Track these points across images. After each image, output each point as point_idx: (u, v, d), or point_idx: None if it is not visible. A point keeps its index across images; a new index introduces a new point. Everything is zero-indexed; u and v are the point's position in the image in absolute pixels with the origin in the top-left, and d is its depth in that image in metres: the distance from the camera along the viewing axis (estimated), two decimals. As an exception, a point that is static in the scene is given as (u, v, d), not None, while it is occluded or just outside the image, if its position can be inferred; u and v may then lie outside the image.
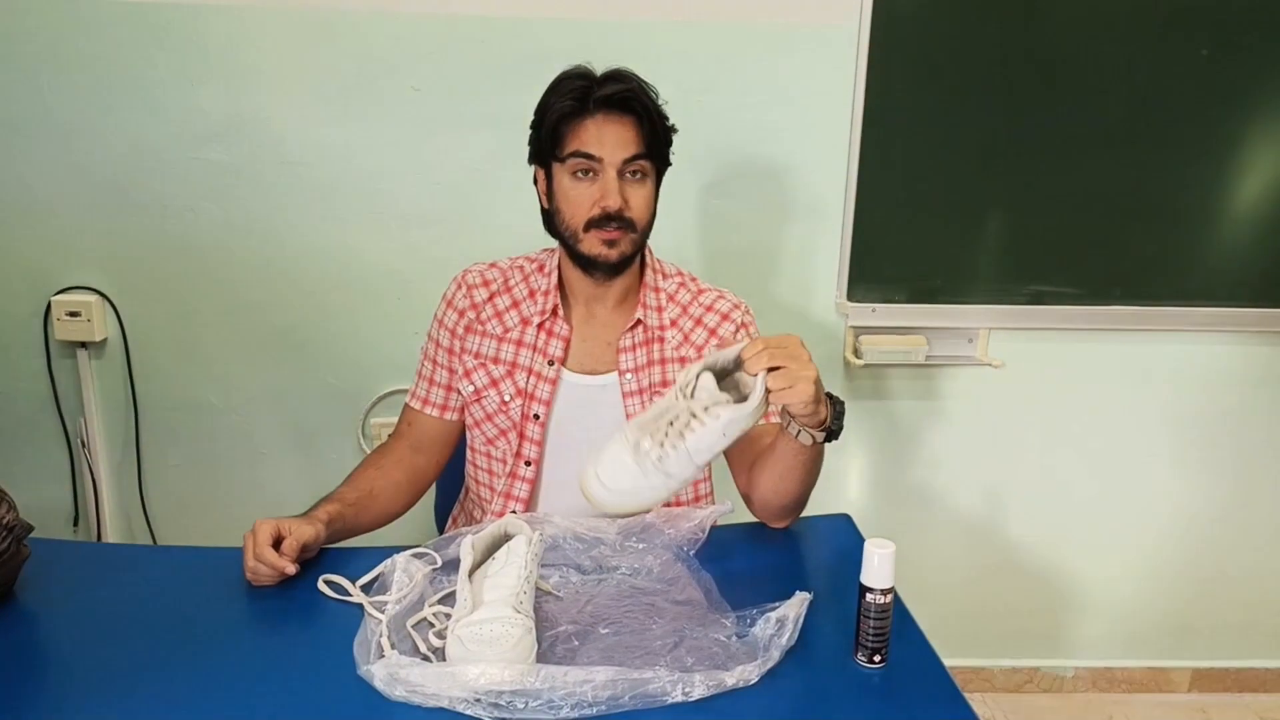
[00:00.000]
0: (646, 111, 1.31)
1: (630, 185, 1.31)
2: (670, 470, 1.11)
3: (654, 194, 1.36)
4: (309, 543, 1.20)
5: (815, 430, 1.20)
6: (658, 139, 1.33)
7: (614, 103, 1.29)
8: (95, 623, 1.10)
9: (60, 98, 1.81)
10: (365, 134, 1.86)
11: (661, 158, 1.35)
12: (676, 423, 1.11)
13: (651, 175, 1.35)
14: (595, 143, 1.29)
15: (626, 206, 1.30)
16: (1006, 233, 1.99)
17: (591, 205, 1.30)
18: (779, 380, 1.11)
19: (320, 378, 2.01)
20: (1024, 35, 1.87)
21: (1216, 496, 2.22)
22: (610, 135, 1.29)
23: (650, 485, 1.11)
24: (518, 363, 1.40)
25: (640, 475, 1.11)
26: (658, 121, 1.32)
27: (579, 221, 1.31)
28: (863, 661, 1.04)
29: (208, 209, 1.89)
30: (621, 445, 1.12)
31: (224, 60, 1.81)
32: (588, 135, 1.29)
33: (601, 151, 1.29)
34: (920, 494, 2.18)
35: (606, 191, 1.29)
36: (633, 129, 1.30)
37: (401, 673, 0.95)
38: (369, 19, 1.80)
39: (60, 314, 1.90)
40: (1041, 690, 2.33)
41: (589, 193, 1.30)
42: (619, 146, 1.29)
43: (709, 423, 1.10)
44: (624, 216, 1.30)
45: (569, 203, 1.32)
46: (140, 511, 2.05)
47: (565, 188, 1.32)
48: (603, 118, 1.29)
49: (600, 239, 1.31)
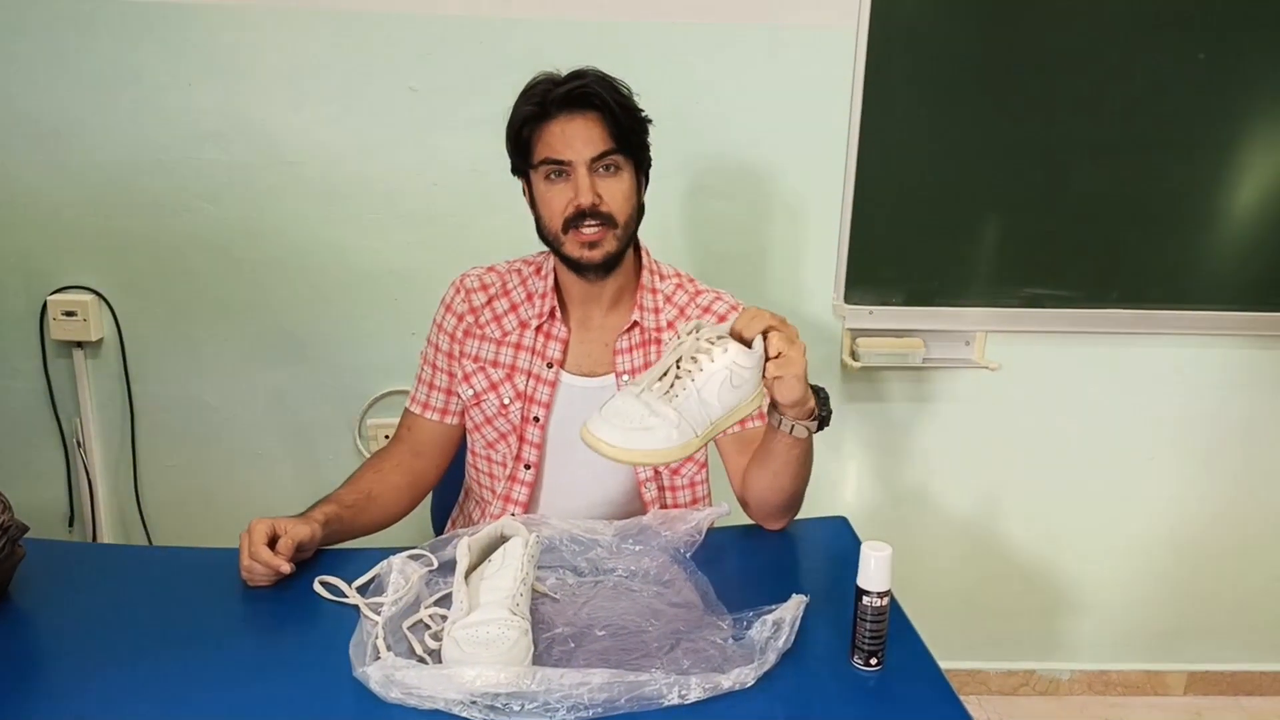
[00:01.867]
0: (607, 105, 1.29)
1: (603, 180, 1.30)
2: (680, 406, 1.04)
3: (634, 187, 1.34)
4: (305, 542, 1.20)
5: (807, 421, 1.19)
6: (626, 131, 1.30)
7: (572, 100, 1.28)
8: (91, 624, 1.10)
9: (57, 97, 1.81)
10: (362, 134, 1.86)
11: (635, 149, 1.33)
12: (684, 361, 1.06)
13: (628, 169, 1.32)
14: (561, 144, 1.28)
15: (600, 201, 1.29)
16: (1003, 235, 2.00)
17: (566, 205, 1.29)
18: (776, 367, 1.09)
19: (317, 378, 2.00)
20: (1020, 38, 1.87)
21: (1212, 499, 2.22)
22: (575, 134, 1.28)
23: (662, 421, 1.03)
24: (516, 366, 1.40)
25: (648, 412, 1.03)
26: (622, 114, 1.30)
27: (557, 224, 1.31)
28: (859, 665, 1.04)
29: (204, 209, 1.88)
30: (624, 393, 1.07)
31: (221, 60, 1.81)
32: (553, 138, 1.29)
33: (568, 153, 1.28)
34: (917, 496, 2.18)
35: (579, 189, 1.28)
36: (597, 124, 1.29)
37: (397, 674, 0.95)
38: (366, 18, 1.80)
39: (56, 313, 1.90)
40: (1037, 693, 2.34)
41: (563, 193, 1.29)
42: (585, 144, 1.28)
43: (717, 357, 1.05)
44: (600, 211, 1.29)
45: (546, 207, 1.32)
46: (136, 512, 2.05)
47: (541, 192, 1.32)
48: (565, 118, 1.28)
49: (579, 241, 1.30)
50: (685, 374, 1.06)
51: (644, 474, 1.41)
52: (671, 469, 1.43)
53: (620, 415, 1.03)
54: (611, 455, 1.03)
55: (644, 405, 1.04)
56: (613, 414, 1.04)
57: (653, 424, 1.03)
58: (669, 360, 1.08)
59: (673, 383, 1.05)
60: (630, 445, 1.03)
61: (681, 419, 1.04)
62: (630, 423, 1.03)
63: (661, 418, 1.04)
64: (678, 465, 1.43)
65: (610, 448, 1.03)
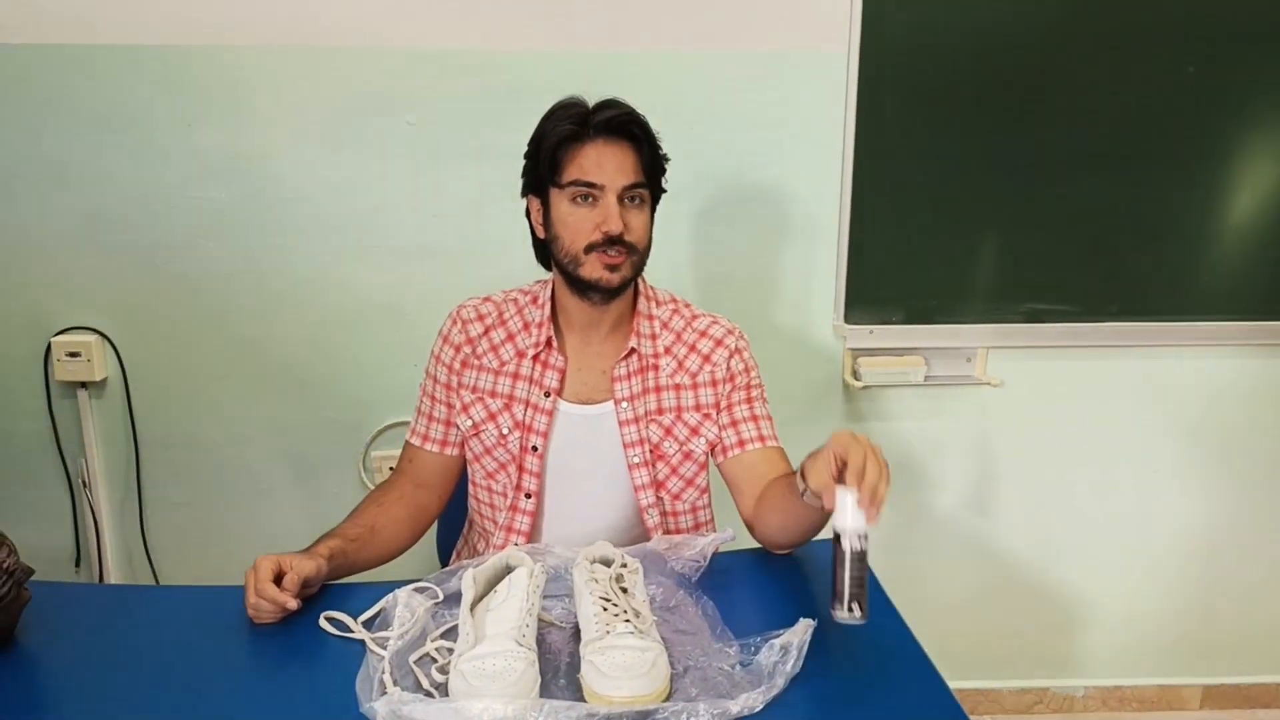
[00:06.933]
0: (647, 136, 1.32)
1: (630, 210, 1.32)
2: (648, 629, 1.07)
3: (650, 222, 1.37)
4: (310, 577, 1.19)
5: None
6: (654, 167, 1.34)
7: (613, 128, 1.30)
8: (98, 666, 1.10)
9: (58, 140, 1.83)
10: (362, 169, 1.88)
11: (657, 185, 1.37)
12: (609, 597, 1.09)
13: (648, 203, 1.36)
14: (595, 169, 1.29)
15: (628, 230, 1.31)
16: (1002, 251, 2.00)
17: (593, 229, 1.30)
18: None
19: (320, 412, 2.01)
20: (1013, 55, 1.88)
21: (1222, 511, 2.21)
22: (610, 161, 1.29)
23: (658, 648, 1.04)
24: (514, 395, 1.41)
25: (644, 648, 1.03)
26: (651, 150, 1.33)
27: (579, 245, 1.31)
28: (842, 615, 1.02)
29: (206, 247, 1.90)
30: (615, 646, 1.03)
31: (221, 100, 1.83)
32: (587, 161, 1.29)
33: (602, 178, 1.29)
34: (923, 515, 2.17)
35: (608, 216, 1.29)
36: (631, 155, 1.31)
37: (404, 710, 0.95)
38: (364, 54, 1.82)
39: (60, 355, 1.91)
40: (1052, 711, 2.32)
41: (590, 217, 1.30)
42: (619, 173, 1.30)
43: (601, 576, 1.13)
44: (625, 241, 1.30)
45: (568, 228, 1.31)
46: (142, 550, 2.05)
47: (564, 213, 1.32)
48: (602, 143, 1.30)
49: (602, 262, 1.30)
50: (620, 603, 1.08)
51: (646, 500, 1.41)
52: (673, 494, 1.43)
53: (628, 668, 1.00)
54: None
55: (639, 650, 1.02)
56: (620, 669, 1.00)
57: (652, 658, 1.02)
58: (594, 607, 1.08)
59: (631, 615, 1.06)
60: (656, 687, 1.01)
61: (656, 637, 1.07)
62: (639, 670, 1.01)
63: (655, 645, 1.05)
64: (679, 490, 1.43)
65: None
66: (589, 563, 1.16)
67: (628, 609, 1.07)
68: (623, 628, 1.04)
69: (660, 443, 1.40)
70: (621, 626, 1.04)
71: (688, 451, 1.41)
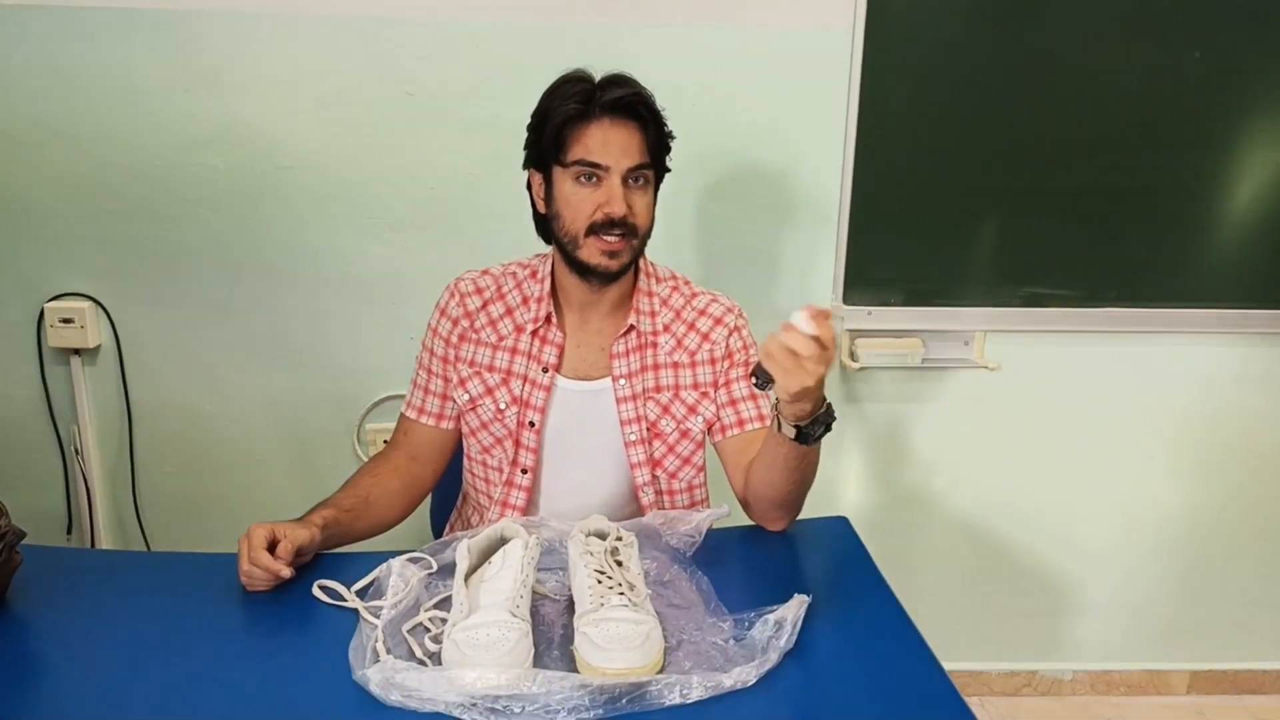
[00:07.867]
0: (653, 115, 1.30)
1: (633, 192, 1.30)
2: (643, 601, 1.07)
3: (653, 201, 1.35)
4: (304, 546, 1.19)
5: (802, 423, 1.15)
6: (660, 146, 1.33)
7: (619, 107, 1.28)
8: (89, 630, 1.09)
9: (52, 105, 1.81)
10: (359, 139, 1.86)
11: (662, 165, 1.35)
12: (605, 570, 1.09)
13: (652, 183, 1.34)
14: (600, 149, 1.27)
15: (630, 213, 1.29)
16: (1002, 235, 1.99)
17: (595, 210, 1.28)
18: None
19: (315, 383, 2.00)
20: (1017, 37, 1.87)
21: (1213, 497, 2.22)
22: (615, 141, 1.28)
23: (651, 621, 1.05)
24: (512, 370, 1.40)
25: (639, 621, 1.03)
26: (658, 129, 1.31)
27: (580, 226, 1.30)
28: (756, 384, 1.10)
29: (201, 215, 1.88)
30: (610, 618, 1.04)
31: (216, 66, 1.81)
32: (592, 141, 1.28)
33: (607, 159, 1.27)
34: (917, 497, 2.18)
35: (611, 197, 1.28)
36: (637, 135, 1.29)
37: (397, 677, 0.95)
38: (362, 23, 1.80)
39: (53, 321, 1.90)
40: (1040, 694, 2.33)
41: (592, 197, 1.29)
42: (624, 154, 1.28)
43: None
44: (627, 223, 1.29)
45: (570, 207, 1.30)
46: (134, 518, 2.04)
47: (567, 192, 1.30)
48: (609, 122, 1.28)
49: (601, 248, 1.29)
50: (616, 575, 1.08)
51: (641, 478, 1.41)
52: (669, 472, 1.43)
53: (622, 640, 1.01)
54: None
55: (633, 623, 1.02)
56: (614, 641, 1.00)
57: (646, 630, 1.02)
58: (589, 580, 1.08)
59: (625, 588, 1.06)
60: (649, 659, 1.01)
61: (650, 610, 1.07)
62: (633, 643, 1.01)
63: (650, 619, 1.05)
64: (675, 469, 1.43)
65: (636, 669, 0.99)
66: (584, 536, 1.16)
67: (622, 582, 1.07)
68: (617, 600, 1.04)
69: (657, 420, 1.40)
70: (616, 599, 1.04)
71: (685, 429, 1.41)
